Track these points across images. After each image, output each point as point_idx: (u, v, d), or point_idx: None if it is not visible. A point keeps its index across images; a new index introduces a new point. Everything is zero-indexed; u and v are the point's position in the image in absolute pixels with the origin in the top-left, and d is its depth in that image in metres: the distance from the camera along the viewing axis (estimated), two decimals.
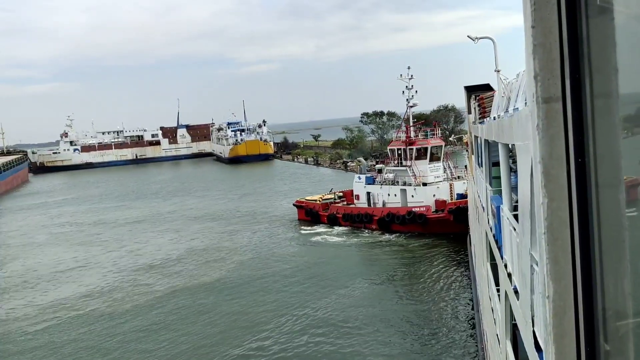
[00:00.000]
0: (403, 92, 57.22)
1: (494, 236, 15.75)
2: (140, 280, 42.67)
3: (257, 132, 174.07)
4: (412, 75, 56.65)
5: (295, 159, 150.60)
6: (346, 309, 32.85)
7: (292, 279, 39.84)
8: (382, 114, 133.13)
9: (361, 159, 70.90)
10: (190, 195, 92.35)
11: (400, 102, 58.20)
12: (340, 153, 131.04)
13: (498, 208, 14.04)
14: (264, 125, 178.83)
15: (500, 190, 14.13)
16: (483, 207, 20.49)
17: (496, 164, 16.16)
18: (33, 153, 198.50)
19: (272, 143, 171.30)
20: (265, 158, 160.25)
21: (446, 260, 42.20)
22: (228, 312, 33.96)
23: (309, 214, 60.79)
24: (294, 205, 64.21)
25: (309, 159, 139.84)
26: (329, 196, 63.80)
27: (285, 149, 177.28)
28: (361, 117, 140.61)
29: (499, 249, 14.08)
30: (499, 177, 14.78)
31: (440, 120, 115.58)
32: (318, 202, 61.66)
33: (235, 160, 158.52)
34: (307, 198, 64.65)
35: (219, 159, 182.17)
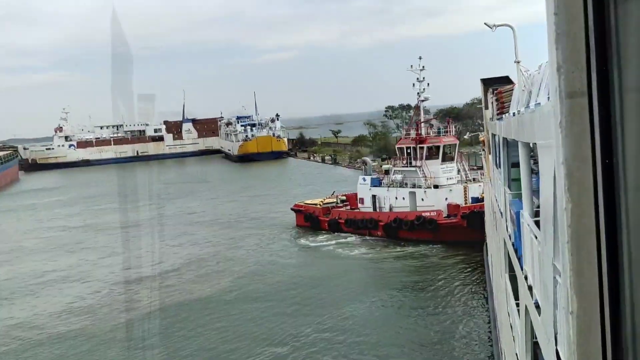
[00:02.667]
0: (413, 84, 57.28)
1: (513, 245, 15.74)
2: (129, 293, 42.63)
3: (270, 127, 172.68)
4: (423, 67, 56.73)
5: (312, 157, 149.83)
6: (349, 328, 32.83)
7: (290, 295, 39.75)
8: (408, 107, 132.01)
9: (366, 158, 70.92)
10: (194, 197, 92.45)
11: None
12: (361, 151, 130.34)
13: (517, 213, 14.04)
14: (277, 119, 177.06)
15: (520, 193, 14.12)
16: (501, 213, 20.49)
17: (515, 165, 16.15)
18: (25, 149, 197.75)
19: (285, 139, 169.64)
20: (277, 156, 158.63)
21: (460, 272, 42.19)
22: (219, 332, 33.94)
23: (309, 219, 60.78)
24: (292, 209, 64.23)
25: (326, 158, 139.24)
26: (331, 200, 63.80)
27: (301, 145, 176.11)
28: (385, 111, 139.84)
29: (519, 259, 14.07)
30: (518, 180, 14.77)
31: (474, 116, 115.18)
32: (319, 206, 61.66)
33: (244, 158, 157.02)
34: (307, 202, 64.68)
35: (227, 156, 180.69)
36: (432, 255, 47.32)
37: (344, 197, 63.47)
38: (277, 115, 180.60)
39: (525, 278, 12.28)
